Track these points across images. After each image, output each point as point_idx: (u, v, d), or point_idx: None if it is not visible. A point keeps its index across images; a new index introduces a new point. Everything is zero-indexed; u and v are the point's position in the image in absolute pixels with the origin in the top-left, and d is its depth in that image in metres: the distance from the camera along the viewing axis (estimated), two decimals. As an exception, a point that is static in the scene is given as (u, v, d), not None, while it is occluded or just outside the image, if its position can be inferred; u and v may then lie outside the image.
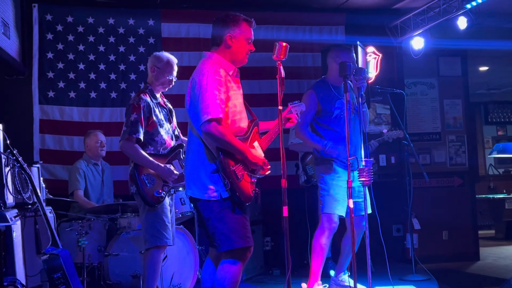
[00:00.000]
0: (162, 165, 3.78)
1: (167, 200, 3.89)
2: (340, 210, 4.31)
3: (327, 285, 4.57)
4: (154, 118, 3.84)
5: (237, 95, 3.18)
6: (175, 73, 3.97)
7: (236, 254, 3.05)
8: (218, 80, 3.02)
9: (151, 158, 3.77)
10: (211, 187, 3.04)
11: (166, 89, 4.02)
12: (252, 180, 3.13)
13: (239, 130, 3.14)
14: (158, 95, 3.98)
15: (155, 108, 3.88)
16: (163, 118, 3.93)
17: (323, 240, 4.31)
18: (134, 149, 3.75)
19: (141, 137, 3.77)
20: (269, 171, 3.20)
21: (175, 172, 3.83)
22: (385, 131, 5.41)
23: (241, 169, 3.06)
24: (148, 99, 3.85)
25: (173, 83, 3.99)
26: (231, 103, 3.10)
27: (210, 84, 3.00)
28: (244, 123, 3.20)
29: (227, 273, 3.04)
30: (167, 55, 3.99)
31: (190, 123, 3.14)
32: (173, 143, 3.98)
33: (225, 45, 3.16)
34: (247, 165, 3.09)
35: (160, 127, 3.88)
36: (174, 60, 3.99)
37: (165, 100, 4.09)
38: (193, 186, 3.12)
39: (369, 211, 4.18)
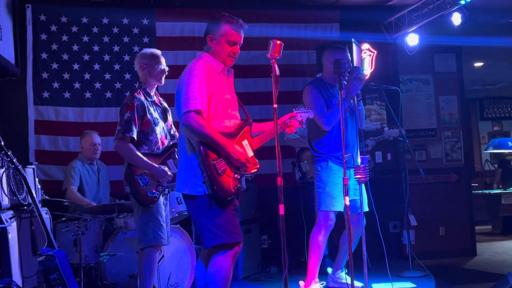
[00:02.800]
0: (157, 166, 3.77)
1: (162, 199, 3.88)
2: (337, 206, 4.32)
3: (324, 283, 4.57)
4: (149, 116, 3.83)
5: (224, 91, 3.17)
6: (163, 62, 3.98)
7: (225, 249, 3.06)
8: (199, 75, 3.05)
9: (145, 158, 3.76)
10: (196, 181, 3.06)
11: (162, 81, 4.00)
12: (236, 176, 3.10)
13: (224, 127, 3.14)
14: (152, 93, 3.97)
15: (150, 107, 3.88)
16: (158, 117, 3.92)
17: (320, 238, 4.33)
18: (129, 149, 3.75)
19: (135, 136, 3.77)
20: (256, 170, 3.19)
21: (169, 173, 3.82)
22: (386, 129, 5.43)
23: (223, 164, 3.05)
24: (142, 97, 3.85)
25: (167, 73, 3.99)
26: (215, 98, 3.10)
27: (191, 79, 3.04)
28: (231, 121, 3.20)
29: (218, 268, 3.06)
30: (148, 50, 4.02)
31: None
32: (167, 142, 3.97)
33: (208, 46, 3.21)
34: (230, 161, 3.08)
35: (155, 125, 3.87)
36: (158, 51, 4.01)
37: (160, 99, 4.08)
38: (180, 180, 3.16)
39: (366, 209, 4.19)
